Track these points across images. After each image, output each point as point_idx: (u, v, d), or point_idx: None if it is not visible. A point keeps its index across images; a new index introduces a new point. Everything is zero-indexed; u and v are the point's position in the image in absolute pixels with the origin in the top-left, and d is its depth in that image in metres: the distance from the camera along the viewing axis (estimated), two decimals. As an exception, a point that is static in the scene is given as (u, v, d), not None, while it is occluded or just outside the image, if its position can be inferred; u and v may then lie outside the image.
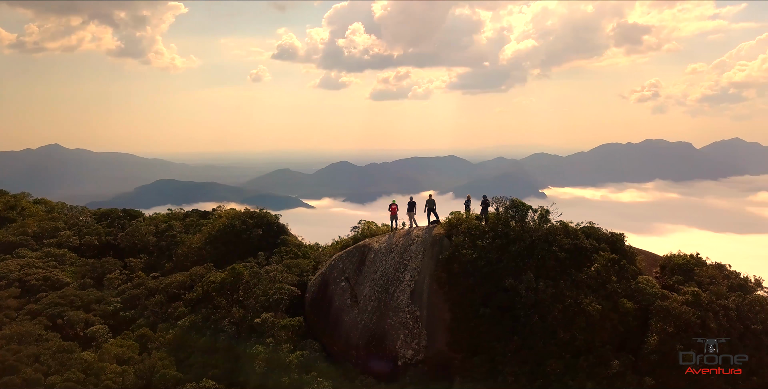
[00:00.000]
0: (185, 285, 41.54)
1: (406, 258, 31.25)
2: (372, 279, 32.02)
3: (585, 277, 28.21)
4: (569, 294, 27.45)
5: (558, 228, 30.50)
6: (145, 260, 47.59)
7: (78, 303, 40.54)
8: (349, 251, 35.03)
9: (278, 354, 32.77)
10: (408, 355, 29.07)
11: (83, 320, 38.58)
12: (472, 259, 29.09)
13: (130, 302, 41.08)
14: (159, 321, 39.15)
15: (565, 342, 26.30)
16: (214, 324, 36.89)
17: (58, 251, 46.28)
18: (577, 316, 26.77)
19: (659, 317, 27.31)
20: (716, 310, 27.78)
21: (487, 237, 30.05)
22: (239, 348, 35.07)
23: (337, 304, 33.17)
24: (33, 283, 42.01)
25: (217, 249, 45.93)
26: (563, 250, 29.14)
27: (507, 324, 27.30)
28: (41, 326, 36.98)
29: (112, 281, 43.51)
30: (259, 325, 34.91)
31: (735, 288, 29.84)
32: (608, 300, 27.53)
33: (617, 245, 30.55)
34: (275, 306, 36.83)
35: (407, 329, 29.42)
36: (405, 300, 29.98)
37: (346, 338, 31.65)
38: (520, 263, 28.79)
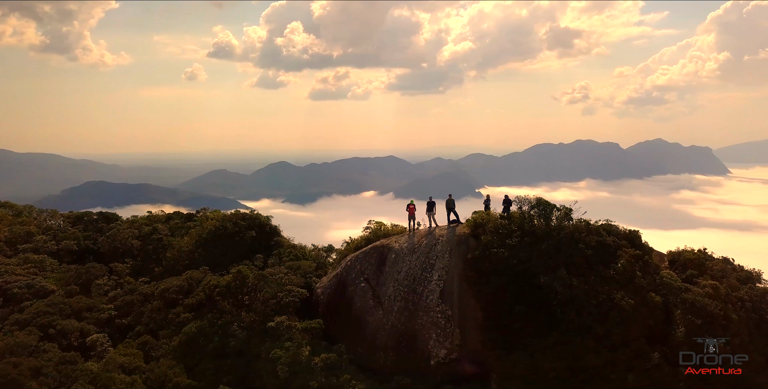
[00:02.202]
0: (183, 290, 40.07)
1: (432, 257, 31.28)
2: (396, 279, 31.87)
3: (613, 273, 29.12)
4: (601, 290, 28.26)
5: (581, 226, 31.30)
6: (132, 265, 45.57)
7: (68, 312, 38.40)
8: (365, 252, 34.72)
9: (299, 357, 32.14)
10: (441, 354, 29.12)
11: (78, 329, 36.58)
12: (504, 258, 29.47)
13: (124, 309, 39.25)
14: (158, 327, 37.60)
15: (602, 336, 27.02)
16: (222, 329, 35.77)
17: (37, 257, 43.65)
18: (611, 311, 27.58)
19: (683, 309, 28.50)
20: (733, 302, 29.28)
21: (515, 235, 30.50)
22: (251, 353, 34.20)
23: (358, 305, 32.82)
24: (15, 291, 39.42)
25: (210, 252, 44.47)
26: (589, 247, 29.96)
27: (543, 321, 27.81)
28: (35, 337, 34.85)
29: (100, 287, 41.40)
30: (274, 329, 34.07)
31: (744, 280, 31.52)
32: (637, 295, 28.50)
33: (636, 241, 31.67)
34: (285, 309, 36.10)
35: (439, 328, 29.46)
36: (435, 299, 30.01)
37: (372, 339, 31.37)
38: (550, 261, 29.38)
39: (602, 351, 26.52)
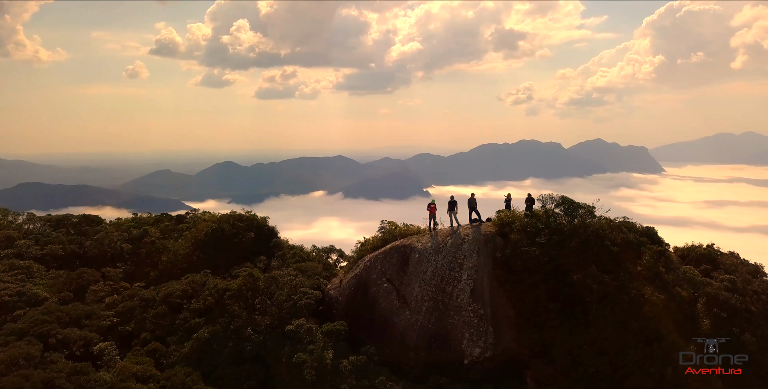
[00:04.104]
0: (187, 294, 38.71)
1: (459, 257, 31.27)
2: (422, 279, 31.70)
3: (640, 269, 29.86)
4: (631, 286, 28.93)
5: (603, 223, 31.95)
6: (124, 269, 43.69)
7: (66, 320, 36.52)
8: (385, 252, 34.40)
9: (325, 360, 31.56)
10: (475, 353, 29.16)
11: (81, 337, 34.81)
12: (535, 256, 29.77)
13: (125, 315, 37.59)
14: (165, 334, 36.23)
15: (637, 331, 27.67)
16: (235, 333, 34.77)
17: (23, 263, 41.29)
18: (644, 306, 28.26)
19: (707, 303, 29.52)
20: (750, 294, 30.52)
21: (543, 234, 30.86)
22: (270, 357, 33.40)
23: (383, 306, 32.49)
24: (6, 300, 37.22)
25: (208, 254, 43.08)
26: (615, 244, 30.62)
27: (579, 318, 28.24)
28: (38, 347, 32.93)
29: (96, 293, 39.53)
30: (294, 332, 33.34)
31: (753, 274, 32.90)
32: (665, 290, 29.33)
33: (654, 237, 32.58)
34: (301, 312, 35.37)
35: (472, 327, 29.49)
36: (466, 299, 30.02)
37: (401, 340, 31.11)
38: (579, 258, 29.87)
39: (639, 346, 27.16)
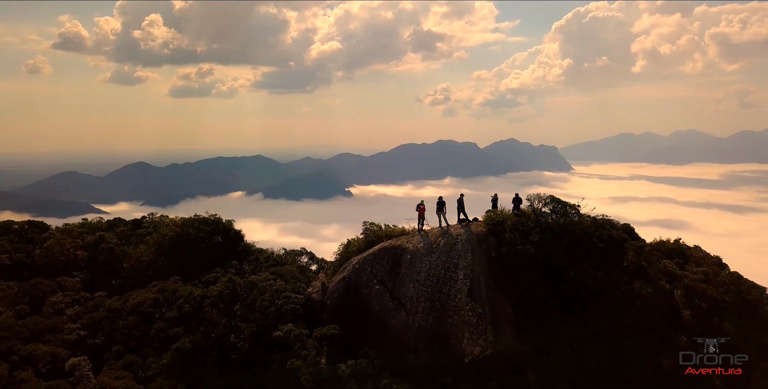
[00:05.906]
0: (158, 303, 36.77)
1: (454, 257, 31.46)
2: (416, 280, 31.66)
3: (626, 264, 31.20)
4: (622, 281, 30.17)
5: (588, 221, 33.10)
6: (81, 278, 40.90)
7: (26, 335, 33.87)
8: (374, 253, 34.08)
9: (319, 366, 30.88)
10: (476, 352, 29.42)
11: (48, 353, 32.29)
12: (530, 254, 30.44)
13: (92, 327, 35.28)
14: (140, 345, 34.29)
15: (630, 324, 28.89)
16: (218, 342, 33.41)
17: (-33, 274, 37.87)
18: (635, 300, 29.55)
19: (685, 294, 31.24)
20: (721, 285, 32.55)
21: (535, 232, 31.59)
22: (259, 365, 32.33)
23: (377, 309, 32.15)
24: (-45, 316, 34.00)
25: (174, 260, 41.14)
26: (602, 241, 31.80)
27: (578, 313, 29.14)
28: (4, 366, 30.25)
29: (55, 305, 36.81)
30: (283, 338, 32.41)
31: (719, 265, 35.13)
32: (651, 284, 30.79)
33: (633, 234, 34.11)
34: (285, 317, 34.45)
35: (471, 326, 29.74)
36: (464, 298, 30.23)
37: (399, 341, 30.88)
38: (570, 255, 30.80)
39: (634, 338, 28.38)
